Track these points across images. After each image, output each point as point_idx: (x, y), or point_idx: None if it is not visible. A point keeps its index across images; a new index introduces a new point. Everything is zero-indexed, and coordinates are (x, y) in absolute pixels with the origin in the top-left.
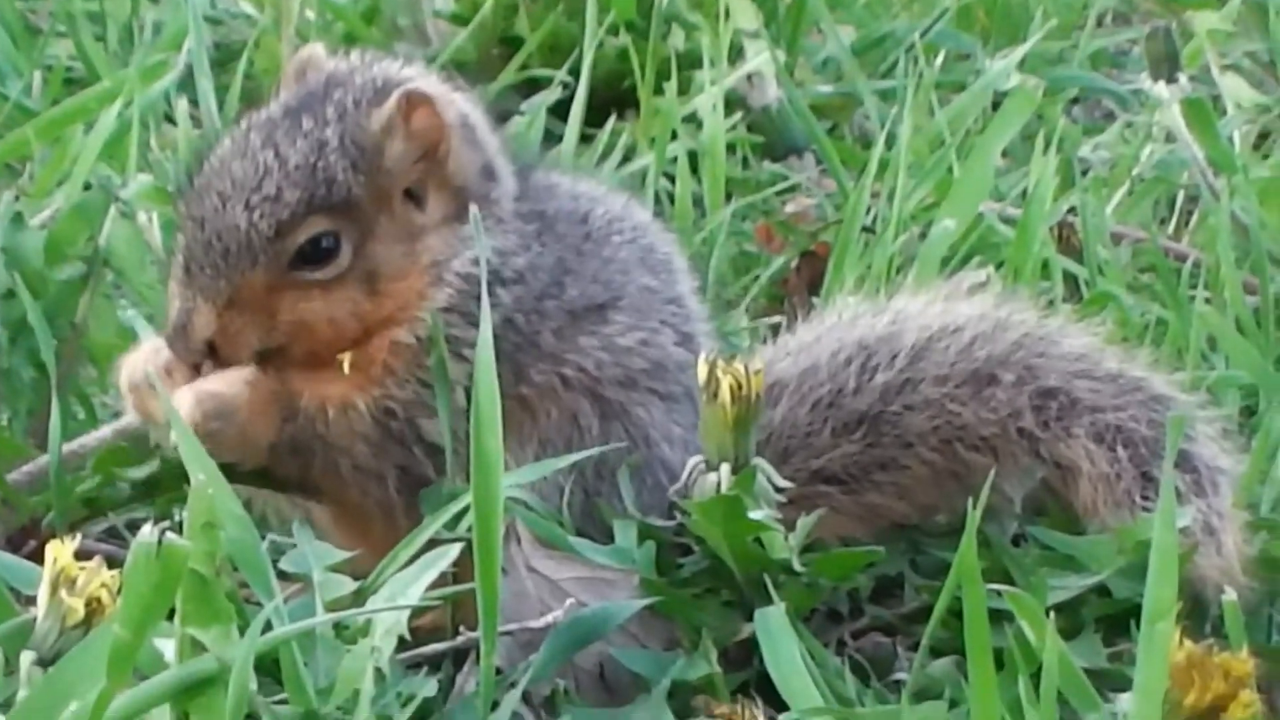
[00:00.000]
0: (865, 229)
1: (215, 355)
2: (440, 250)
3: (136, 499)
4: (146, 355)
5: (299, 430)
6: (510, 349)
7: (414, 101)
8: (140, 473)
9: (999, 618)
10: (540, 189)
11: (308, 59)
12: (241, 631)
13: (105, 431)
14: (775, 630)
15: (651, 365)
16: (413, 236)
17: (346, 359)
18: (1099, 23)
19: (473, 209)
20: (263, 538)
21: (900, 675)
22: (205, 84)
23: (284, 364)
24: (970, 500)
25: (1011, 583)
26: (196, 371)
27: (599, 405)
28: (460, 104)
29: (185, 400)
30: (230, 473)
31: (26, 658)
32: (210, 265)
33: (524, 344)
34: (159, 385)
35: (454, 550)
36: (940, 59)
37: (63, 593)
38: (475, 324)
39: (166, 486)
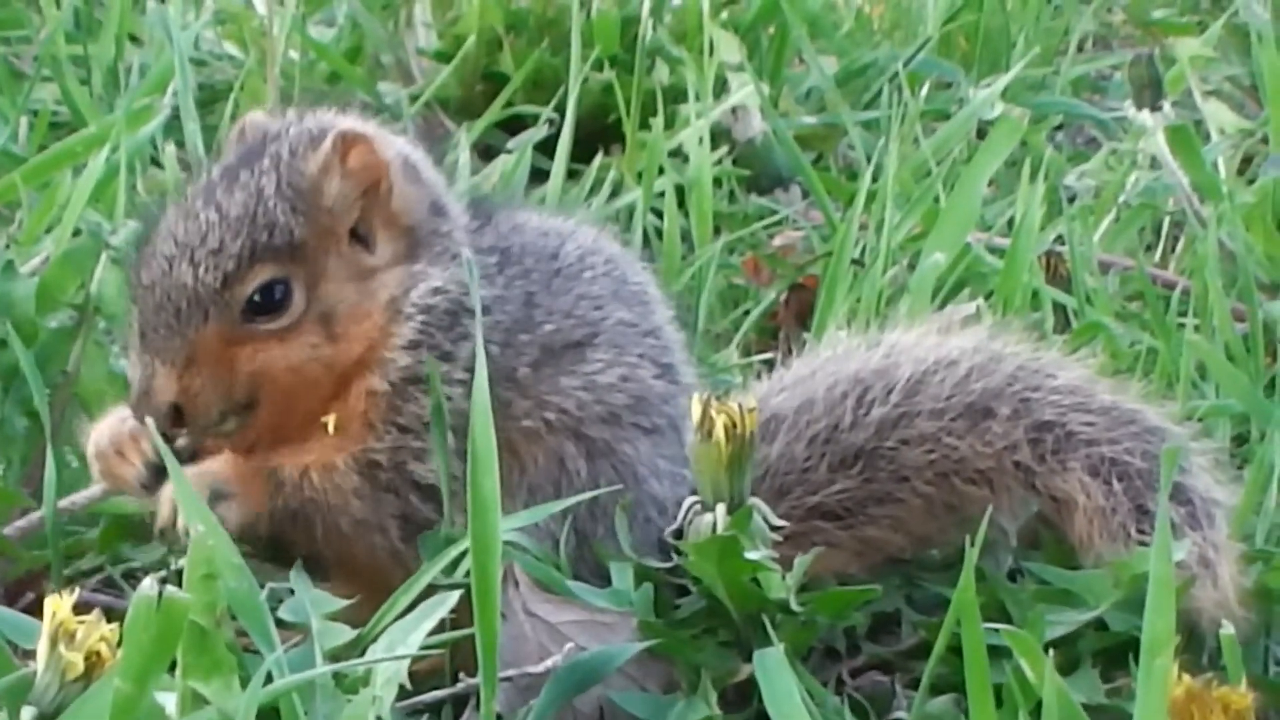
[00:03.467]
0: (854, 261)
1: (181, 419)
2: (396, 287)
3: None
4: (112, 423)
5: (289, 498)
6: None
7: (350, 141)
8: (148, 556)
9: (997, 654)
10: (506, 226)
11: (246, 123)
12: (243, 682)
13: (95, 490)
14: (774, 670)
15: (634, 400)
16: (365, 277)
17: (331, 420)
18: (1079, 49)
19: (466, 254)
20: (261, 586)
21: (899, 714)
22: (192, 127)
23: (254, 433)
24: (967, 536)
25: (1008, 617)
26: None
27: (584, 445)
28: (399, 144)
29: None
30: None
31: (27, 713)
32: (164, 326)
33: (500, 376)
34: (173, 466)
35: (453, 597)
36: (923, 88)
37: (62, 647)
38: (445, 358)
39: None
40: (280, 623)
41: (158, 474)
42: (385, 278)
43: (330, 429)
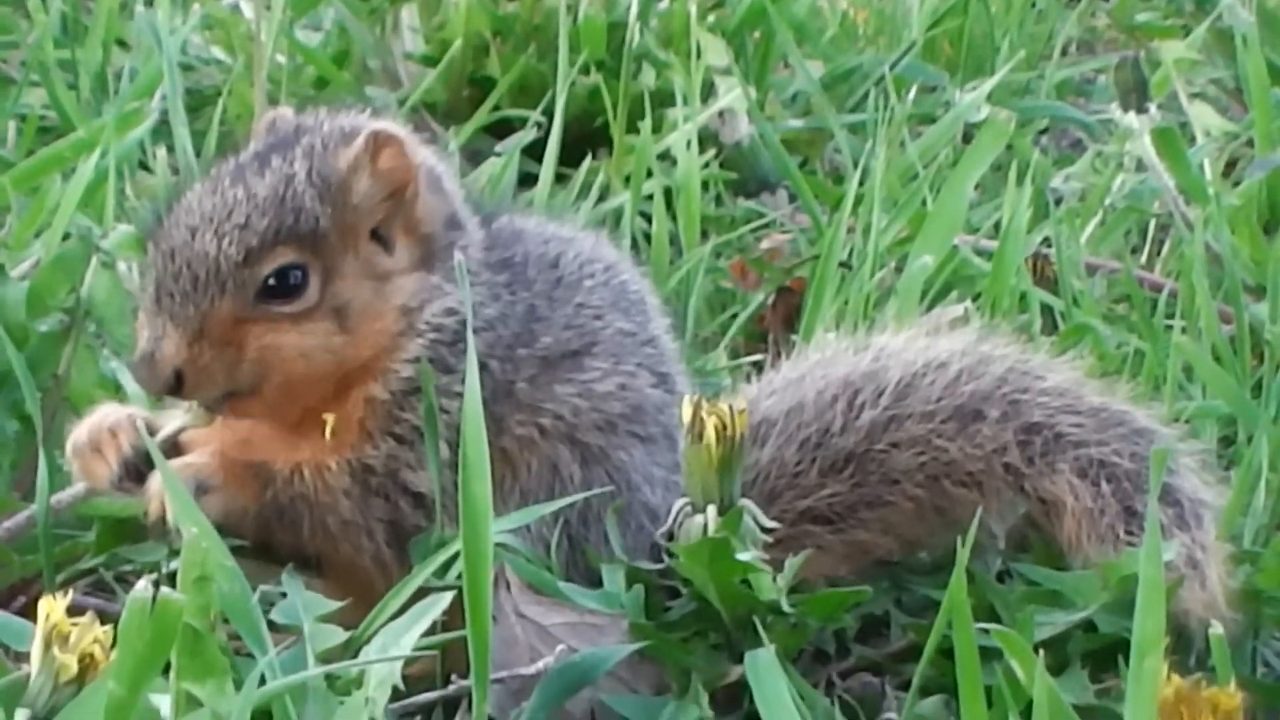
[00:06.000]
0: (841, 264)
1: (181, 388)
2: (411, 295)
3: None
4: (93, 421)
5: (280, 492)
6: (487, 396)
7: (381, 141)
8: (143, 557)
9: (987, 655)
10: (507, 235)
11: (276, 115)
12: (236, 685)
13: (79, 489)
14: (765, 672)
15: (630, 409)
16: (380, 278)
17: (329, 422)
18: (1064, 53)
19: (458, 255)
20: (253, 589)
21: (890, 715)
22: (182, 131)
23: (251, 415)
24: (959, 538)
25: (997, 619)
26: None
27: (578, 451)
28: (426, 153)
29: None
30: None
31: (21, 715)
32: (180, 292)
33: (499, 392)
34: (156, 455)
35: (445, 599)
36: (909, 92)
37: (55, 649)
38: (447, 370)
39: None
40: (273, 625)
41: (133, 471)
42: (400, 282)
43: (327, 432)
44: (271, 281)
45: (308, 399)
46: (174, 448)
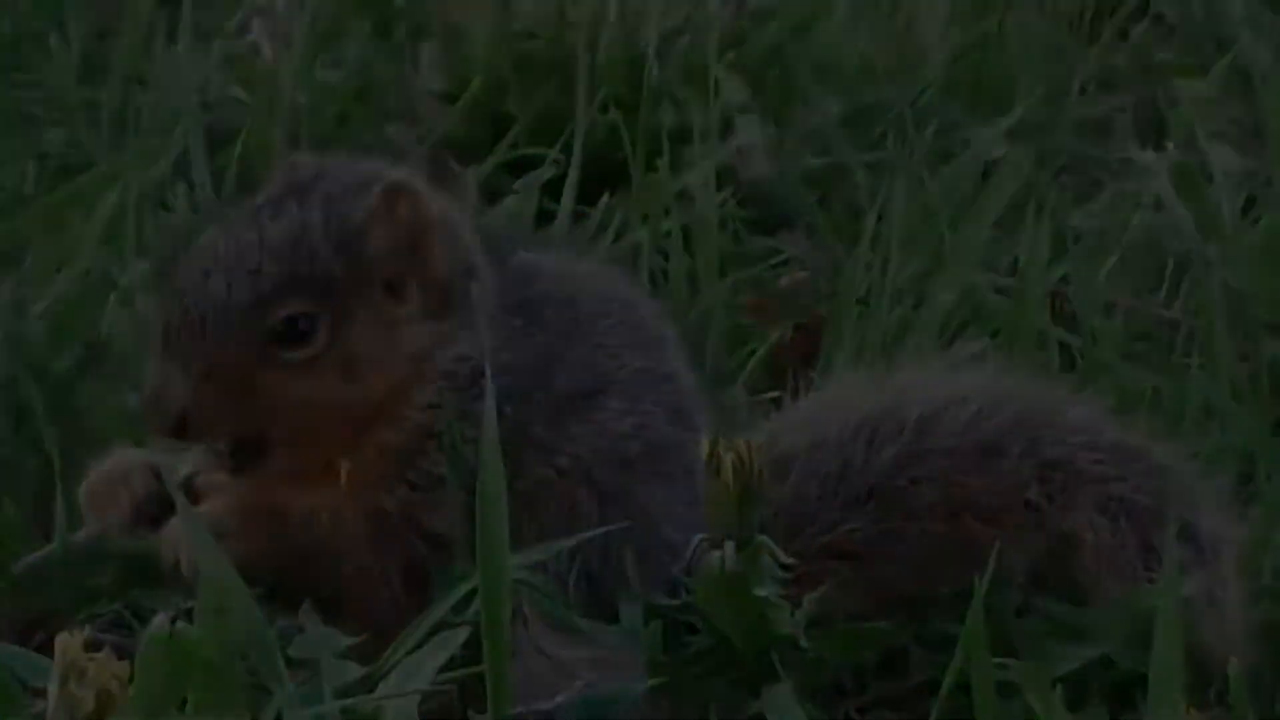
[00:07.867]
0: (859, 301)
1: (186, 431)
2: (422, 344)
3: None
4: (109, 463)
5: (295, 537)
6: (502, 440)
7: (399, 192)
8: (161, 602)
9: (1005, 690)
10: (523, 273)
11: (295, 160)
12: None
13: (94, 529)
14: (783, 708)
15: (648, 447)
16: (391, 328)
17: (345, 469)
18: (1083, 90)
19: (474, 294)
20: (270, 623)
21: None
22: (201, 170)
23: (263, 467)
24: (975, 574)
25: (1015, 654)
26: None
27: (596, 491)
28: (443, 202)
29: (174, 529)
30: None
31: None
32: (188, 335)
33: (514, 434)
34: (178, 496)
35: (463, 633)
36: (928, 129)
37: (73, 684)
38: (463, 416)
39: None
40: (290, 660)
41: (145, 516)
42: (412, 331)
43: (343, 479)
44: (280, 328)
45: (319, 444)
46: (188, 493)
